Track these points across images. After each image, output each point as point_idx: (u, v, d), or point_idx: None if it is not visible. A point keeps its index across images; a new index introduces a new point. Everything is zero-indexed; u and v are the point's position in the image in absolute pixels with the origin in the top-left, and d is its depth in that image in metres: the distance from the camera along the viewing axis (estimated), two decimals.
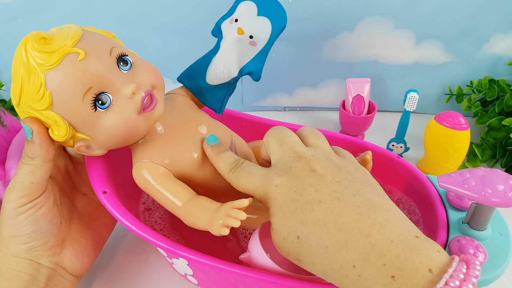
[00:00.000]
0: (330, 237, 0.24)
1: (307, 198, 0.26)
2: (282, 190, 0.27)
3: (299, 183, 0.27)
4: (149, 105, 0.30)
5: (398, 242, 0.23)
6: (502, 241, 0.33)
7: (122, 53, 0.30)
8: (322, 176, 0.27)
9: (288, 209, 0.26)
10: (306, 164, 0.27)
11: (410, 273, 0.22)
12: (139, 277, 0.41)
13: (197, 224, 0.30)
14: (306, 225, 0.25)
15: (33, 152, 0.30)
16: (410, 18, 0.57)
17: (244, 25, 0.34)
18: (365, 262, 0.23)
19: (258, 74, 0.36)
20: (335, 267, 0.24)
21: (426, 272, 0.22)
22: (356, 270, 0.23)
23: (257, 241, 0.32)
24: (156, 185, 0.32)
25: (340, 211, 0.25)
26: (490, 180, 0.30)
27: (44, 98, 0.28)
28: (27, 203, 0.31)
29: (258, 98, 0.67)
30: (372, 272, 0.23)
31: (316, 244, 0.25)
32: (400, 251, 0.23)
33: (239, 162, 0.31)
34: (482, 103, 0.61)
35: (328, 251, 0.24)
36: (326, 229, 0.24)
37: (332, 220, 0.25)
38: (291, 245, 0.26)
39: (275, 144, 0.30)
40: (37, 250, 0.32)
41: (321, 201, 0.25)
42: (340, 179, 0.27)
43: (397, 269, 0.22)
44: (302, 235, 0.25)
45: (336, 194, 0.25)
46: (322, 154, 0.29)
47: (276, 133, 0.31)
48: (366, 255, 0.23)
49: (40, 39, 0.27)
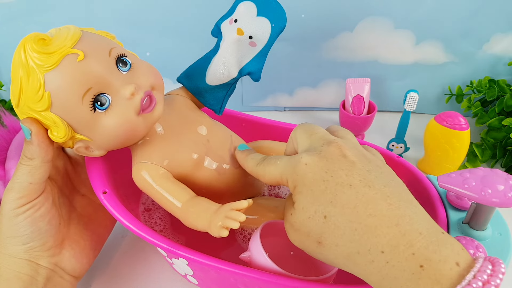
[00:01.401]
0: (359, 221, 0.24)
1: (337, 180, 0.26)
2: (312, 169, 0.27)
3: (330, 165, 0.26)
4: (148, 106, 0.30)
5: (426, 234, 0.23)
6: (502, 241, 0.33)
7: (121, 54, 0.30)
8: (353, 162, 0.27)
9: (318, 187, 0.26)
10: (337, 149, 0.27)
11: (439, 264, 0.22)
12: (139, 277, 0.41)
13: (196, 225, 0.30)
14: (336, 206, 0.25)
15: (32, 153, 0.30)
16: (410, 18, 0.57)
17: (243, 25, 0.34)
18: (394, 249, 0.23)
19: (257, 74, 0.36)
20: (361, 251, 0.24)
21: (454, 265, 0.22)
22: (384, 256, 0.23)
23: (257, 241, 0.32)
24: (155, 186, 0.32)
25: (370, 197, 0.25)
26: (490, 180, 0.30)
27: (43, 99, 0.28)
28: (25, 203, 0.31)
29: (258, 98, 0.67)
30: (400, 260, 0.23)
31: (344, 226, 0.25)
32: (428, 243, 0.23)
33: (266, 157, 0.32)
34: (482, 103, 0.61)
35: (356, 233, 0.24)
36: (356, 212, 0.25)
37: (363, 205, 0.25)
38: (316, 224, 0.26)
39: (304, 136, 0.30)
40: (36, 250, 0.32)
41: (351, 185, 0.25)
42: (370, 169, 0.27)
43: (425, 259, 0.22)
44: (329, 215, 0.25)
45: (367, 182, 0.26)
46: (351, 144, 0.29)
47: (304, 126, 0.31)
48: (395, 242, 0.23)
49: (39, 40, 0.27)
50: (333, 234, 0.25)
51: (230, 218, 0.28)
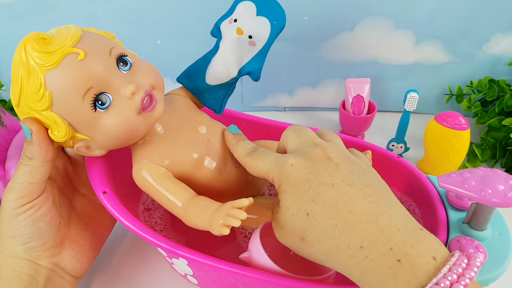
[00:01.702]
0: (340, 217, 0.25)
1: (320, 180, 0.27)
2: (297, 169, 0.28)
3: (314, 166, 0.28)
4: (148, 105, 0.30)
5: (404, 230, 0.24)
6: (502, 241, 0.33)
7: (121, 54, 0.30)
8: (336, 164, 0.28)
9: (302, 187, 0.27)
10: (323, 151, 0.29)
11: (416, 259, 0.23)
12: (139, 277, 0.41)
13: (197, 224, 0.30)
14: (318, 204, 0.26)
15: (32, 153, 0.30)
16: (410, 18, 0.57)
17: (243, 25, 0.34)
18: (372, 244, 0.24)
19: (257, 74, 0.36)
20: (341, 247, 0.25)
21: (430, 259, 0.23)
22: (363, 251, 0.24)
23: (257, 241, 0.32)
24: (156, 185, 0.32)
25: (351, 196, 0.26)
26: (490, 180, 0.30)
27: (43, 99, 0.28)
28: (26, 203, 0.31)
29: (258, 98, 0.67)
30: (378, 255, 0.24)
31: (325, 223, 0.26)
32: (406, 238, 0.24)
33: (256, 148, 0.33)
34: (482, 103, 0.61)
35: (336, 229, 0.25)
36: (336, 209, 0.26)
37: (344, 202, 0.26)
38: (299, 222, 0.27)
39: (293, 136, 0.31)
40: (36, 250, 0.32)
41: (334, 184, 0.26)
42: (353, 170, 0.28)
43: (403, 254, 0.23)
44: (312, 212, 0.26)
45: (349, 181, 0.27)
46: (337, 147, 0.30)
47: (295, 128, 0.32)
48: (374, 238, 0.24)
49: (39, 40, 0.27)
50: (315, 230, 0.26)
51: (231, 216, 0.28)
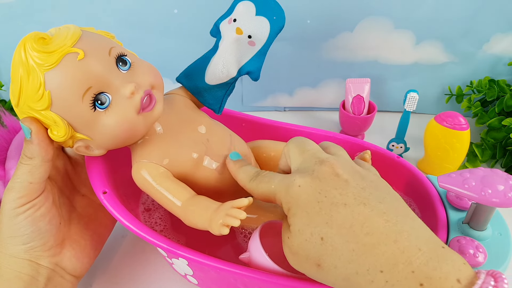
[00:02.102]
0: (357, 240, 0.24)
1: (332, 200, 0.25)
2: (305, 190, 0.26)
3: (323, 185, 0.26)
4: (148, 105, 0.30)
5: (426, 250, 0.23)
6: (502, 241, 0.33)
7: (121, 53, 0.30)
8: (346, 181, 0.26)
9: (312, 209, 0.26)
10: (330, 168, 0.27)
11: (439, 282, 0.22)
12: (139, 277, 0.41)
13: (196, 223, 0.30)
14: (332, 227, 0.25)
15: (32, 152, 0.30)
16: (410, 18, 0.57)
17: (242, 25, 0.34)
18: (393, 268, 0.23)
19: (257, 73, 0.36)
20: (360, 272, 0.24)
21: (455, 282, 0.22)
22: (383, 276, 0.23)
23: (257, 241, 0.32)
24: (155, 185, 0.32)
25: (366, 215, 0.24)
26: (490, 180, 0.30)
27: (43, 98, 0.28)
28: (26, 203, 0.31)
29: (258, 98, 0.67)
30: (400, 279, 0.22)
31: (342, 247, 0.24)
32: (428, 259, 0.22)
33: (260, 172, 0.31)
34: (482, 103, 0.61)
35: (354, 254, 0.24)
36: (352, 231, 0.24)
37: (359, 224, 0.24)
38: (313, 247, 0.25)
39: (296, 152, 0.30)
40: (36, 250, 0.32)
41: (346, 204, 0.25)
42: (364, 186, 0.26)
43: (425, 277, 0.22)
44: (326, 236, 0.25)
45: (362, 199, 0.25)
46: (344, 161, 0.28)
47: (296, 142, 0.31)
48: (394, 260, 0.23)
49: (39, 39, 0.27)
50: (331, 255, 0.25)
51: (231, 215, 0.28)
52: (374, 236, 0.24)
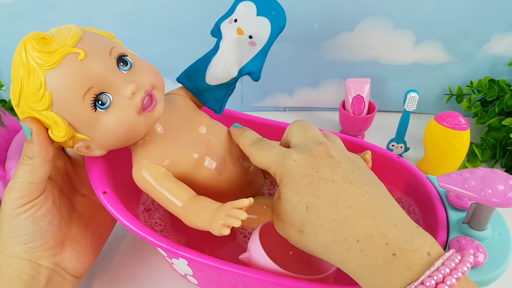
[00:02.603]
0: (338, 212, 0.26)
1: (322, 176, 0.28)
2: (299, 164, 0.29)
3: (317, 162, 0.28)
4: (149, 105, 0.30)
5: (400, 227, 0.25)
6: (502, 241, 0.33)
7: (122, 54, 0.30)
8: (338, 162, 0.29)
9: (302, 181, 0.28)
10: (325, 149, 0.29)
11: (410, 253, 0.24)
12: (139, 277, 0.41)
13: (197, 224, 0.30)
14: (318, 198, 0.27)
15: (32, 152, 0.30)
16: (410, 18, 0.57)
17: (243, 25, 0.34)
18: (368, 238, 0.25)
19: (257, 74, 0.36)
20: (338, 240, 0.26)
21: (425, 254, 0.24)
22: (359, 245, 0.25)
23: (257, 241, 0.32)
24: (156, 185, 0.32)
25: (351, 192, 0.27)
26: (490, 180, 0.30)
27: (44, 99, 0.28)
28: (26, 203, 0.31)
29: (258, 98, 0.67)
30: (374, 248, 0.24)
31: (324, 216, 0.26)
32: (402, 234, 0.25)
33: (261, 139, 0.33)
34: (482, 103, 0.61)
35: (334, 223, 0.26)
36: (335, 204, 0.26)
37: (343, 198, 0.26)
38: (298, 214, 0.28)
39: (299, 131, 0.32)
40: (36, 250, 0.32)
41: (334, 181, 0.27)
42: (353, 169, 0.29)
43: (398, 249, 0.24)
44: (311, 205, 0.27)
45: (349, 179, 0.27)
46: (340, 147, 0.31)
47: (301, 123, 0.33)
48: (370, 232, 0.25)
49: (40, 39, 0.27)
50: (313, 223, 0.27)
51: (231, 216, 0.28)
52: (355, 210, 0.26)
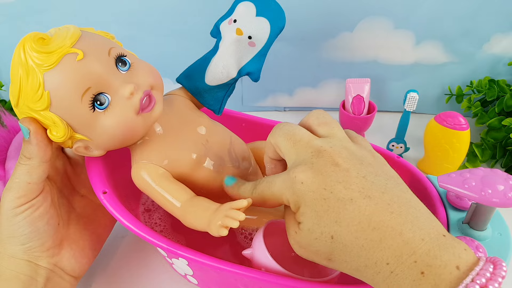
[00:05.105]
0: (365, 236, 0.25)
1: (338, 196, 0.25)
2: (309, 188, 0.26)
3: (326, 179, 0.26)
4: (147, 105, 0.30)
5: (428, 240, 0.24)
6: (502, 241, 0.33)
7: (120, 54, 0.30)
8: (347, 170, 0.26)
9: (321, 207, 0.26)
10: (328, 158, 0.27)
11: (439, 270, 0.23)
12: (139, 277, 0.41)
13: (195, 224, 0.30)
14: (341, 225, 0.25)
15: (30, 153, 0.30)
16: (410, 18, 0.57)
17: (243, 25, 0.34)
18: (398, 259, 0.24)
19: (257, 74, 0.36)
20: (369, 264, 0.25)
21: (454, 269, 0.22)
22: (389, 267, 0.24)
23: (260, 240, 0.32)
24: (155, 186, 0.32)
25: (372, 210, 0.25)
26: (490, 180, 0.30)
27: (42, 99, 0.28)
28: (24, 203, 0.31)
29: (258, 98, 0.67)
30: (403, 269, 0.23)
31: (351, 244, 0.25)
32: (430, 248, 0.23)
33: (257, 182, 0.31)
34: (482, 103, 0.61)
35: (363, 249, 0.25)
36: (361, 228, 0.25)
37: (366, 219, 0.25)
38: (324, 245, 0.26)
39: (287, 144, 0.29)
40: (34, 251, 0.32)
41: (352, 199, 0.25)
42: (365, 174, 0.26)
43: (426, 266, 0.23)
44: (336, 234, 0.25)
45: (366, 192, 0.25)
46: (339, 144, 0.28)
47: (284, 132, 0.30)
48: (399, 252, 0.24)
49: (38, 40, 0.27)
50: (342, 252, 0.25)
51: (229, 217, 0.28)
52: (380, 230, 0.24)
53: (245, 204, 0.28)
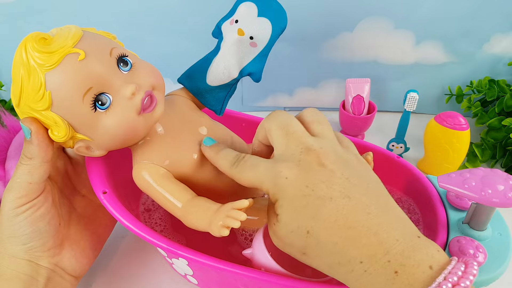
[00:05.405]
0: (340, 234, 0.25)
1: (319, 194, 0.26)
2: (292, 184, 0.26)
3: (311, 177, 0.26)
4: (149, 105, 0.30)
5: (402, 241, 0.24)
6: (502, 241, 0.33)
7: (122, 54, 0.30)
8: (332, 171, 0.26)
9: (299, 203, 0.26)
10: (316, 158, 0.27)
11: (412, 269, 0.23)
12: (139, 277, 0.41)
13: (196, 225, 0.30)
14: (317, 221, 0.25)
15: (32, 153, 0.30)
16: (410, 18, 0.57)
17: (244, 26, 0.34)
18: (371, 258, 0.24)
19: (258, 75, 0.36)
20: (342, 262, 0.25)
21: (427, 268, 0.23)
22: (362, 266, 0.24)
23: (260, 240, 0.32)
24: (156, 186, 0.32)
25: (350, 209, 0.25)
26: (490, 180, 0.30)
27: (44, 99, 0.28)
28: (25, 203, 0.31)
29: (258, 98, 0.67)
30: (377, 268, 0.24)
31: (326, 240, 0.25)
32: (404, 249, 0.24)
33: (240, 156, 0.30)
34: (482, 103, 0.61)
35: (336, 246, 0.25)
36: (337, 226, 0.25)
37: (343, 218, 0.25)
38: (299, 239, 0.26)
39: (280, 133, 0.29)
40: (35, 251, 0.32)
41: (332, 198, 0.26)
42: (348, 176, 0.27)
43: (400, 265, 0.23)
44: (312, 230, 0.26)
45: (346, 192, 0.26)
46: (329, 146, 0.28)
47: (279, 120, 0.29)
48: (373, 251, 0.24)
49: (40, 40, 0.27)
50: (315, 247, 0.26)
51: (231, 217, 0.28)
52: (356, 229, 0.25)
53: (247, 204, 0.28)
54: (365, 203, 0.26)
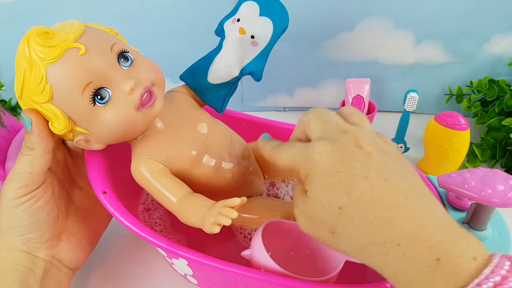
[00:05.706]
0: (375, 213, 0.24)
1: (353, 172, 0.25)
2: (325, 159, 0.26)
3: (345, 155, 0.25)
4: (147, 101, 0.31)
5: (442, 229, 0.23)
6: (502, 241, 0.33)
7: (123, 50, 0.31)
8: (368, 153, 0.25)
9: (332, 178, 0.25)
10: (353, 138, 0.26)
11: (455, 258, 0.22)
12: (138, 277, 0.41)
13: (191, 221, 0.30)
14: (351, 197, 0.24)
15: (33, 143, 0.31)
16: (410, 18, 0.57)
17: (246, 25, 0.34)
18: (410, 242, 0.23)
19: (259, 74, 0.36)
20: (377, 242, 0.24)
21: (470, 259, 0.22)
22: (400, 249, 0.23)
23: (259, 240, 0.32)
24: (153, 181, 0.32)
25: (386, 191, 0.24)
26: (490, 180, 0.30)
27: (44, 92, 0.28)
28: (25, 194, 0.31)
29: (258, 98, 0.67)
30: (417, 253, 0.23)
31: (359, 218, 0.24)
32: (445, 237, 0.23)
33: (282, 143, 0.30)
34: (482, 103, 0.61)
35: (371, 225, 0.24)
36: (372, 205, 0.24)
37: (379, 198, 0.24)
38: (330, 215, 0.25)
39: (317, 122, 0.28)
40: (33, 242, 0.32)
41: (367, 177, 0.24)
42: (386, 161, 0.25)
43: (442, 253, 0.22)
44: (345, 206, 0.24)
45: (383, 174, 0.25)
46: (367, 133, 0.27)
47: (317, 112, 0.29)
48: (413, 235, 0.23)
49: (42, 34, 0.28)
50: (348, 225, 0.25)
51: (222, 214, 0.28)
52: (392, 210, 0.24)
53: (238, 202, 0.29)
54: (402, 187, 0.24)
